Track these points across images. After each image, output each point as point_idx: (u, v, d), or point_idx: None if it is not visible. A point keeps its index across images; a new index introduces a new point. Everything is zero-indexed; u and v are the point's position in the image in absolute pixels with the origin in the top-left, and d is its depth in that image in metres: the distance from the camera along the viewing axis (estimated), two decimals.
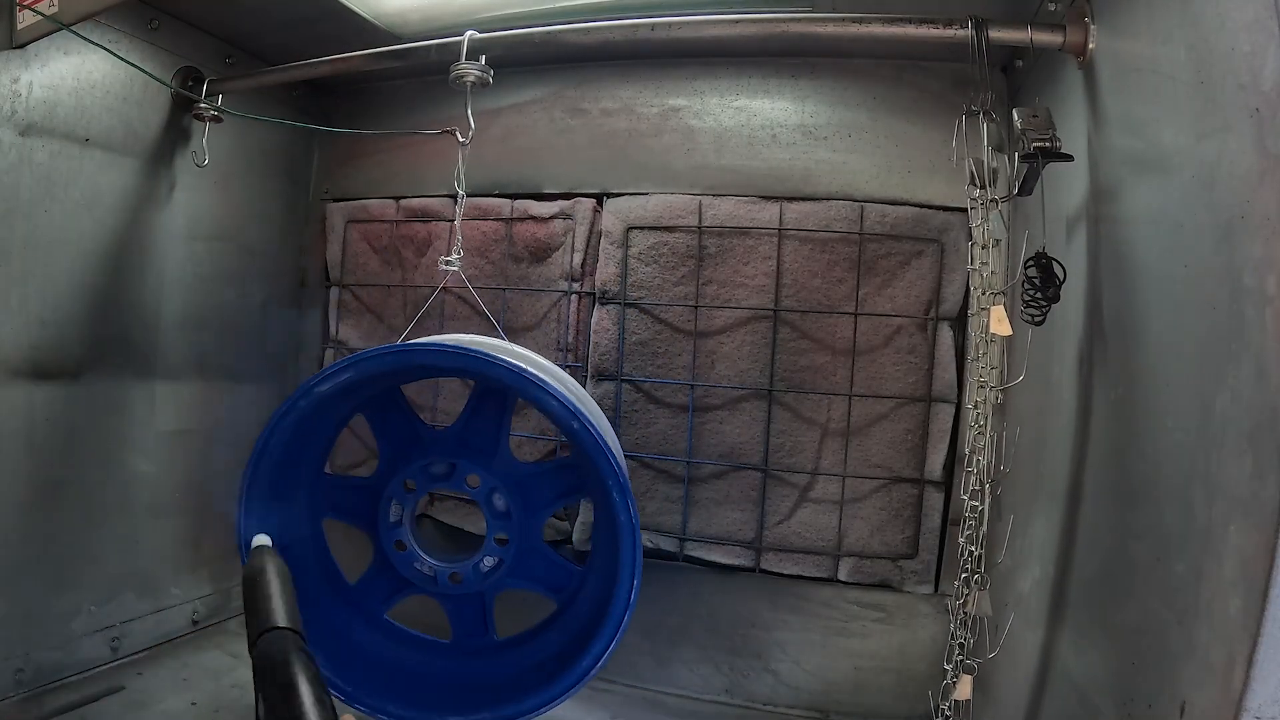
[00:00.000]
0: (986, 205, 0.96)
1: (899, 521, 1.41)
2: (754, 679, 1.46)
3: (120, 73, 1.35)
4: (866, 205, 1.42)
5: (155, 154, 1.44)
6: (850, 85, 1.46)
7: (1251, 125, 0.60)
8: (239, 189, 1.64)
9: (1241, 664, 0.56)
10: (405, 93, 1.74)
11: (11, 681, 1.21)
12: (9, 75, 1.18)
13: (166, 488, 1.51)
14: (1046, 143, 0.90)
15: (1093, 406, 0.94)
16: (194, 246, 1.55)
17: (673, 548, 1.49)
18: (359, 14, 1.40)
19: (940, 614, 1.39)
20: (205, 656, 1.43)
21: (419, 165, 1.71)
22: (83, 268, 1.33)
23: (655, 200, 1.52)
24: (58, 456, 1.29)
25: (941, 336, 1.40)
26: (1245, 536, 0.58)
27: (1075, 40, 0.97)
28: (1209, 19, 0.68)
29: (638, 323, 1.52)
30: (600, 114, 1.59)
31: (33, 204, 1.23)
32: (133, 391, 1.44)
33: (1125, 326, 0.86)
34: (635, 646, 1.49)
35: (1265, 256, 0.58)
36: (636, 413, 1.51)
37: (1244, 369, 0.60)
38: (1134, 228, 0.85)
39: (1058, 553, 1.01)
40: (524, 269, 1.63)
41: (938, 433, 1.40)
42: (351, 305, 1.78)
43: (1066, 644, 0.96)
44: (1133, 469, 0.81)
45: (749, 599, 1.48)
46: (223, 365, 1.64)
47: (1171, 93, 0.75)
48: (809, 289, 1.44)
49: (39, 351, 1.26)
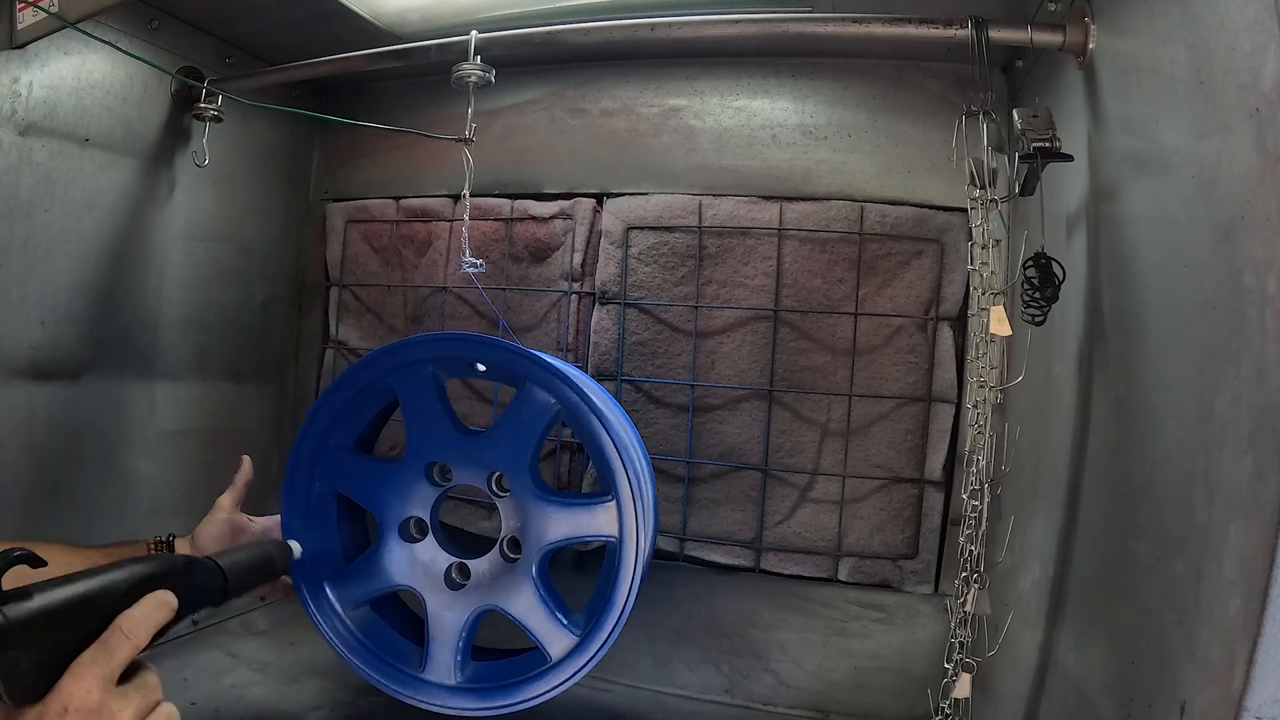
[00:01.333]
0: (986, 205, 0.96)
1: (899, 521, 1.41)
2: (754, 679, 1.46)
3: (120, 73, 1.35)
4: (866, 205, 1.42)
5: (155, 154, 1.44)
6: (850, 85, 1.46)
7: (1251, 125, 0.60)
8: (239, 189, 1.64)
9: (1241, 664, 0.56)
10: (405, 93, 1.74)
11: None
12: (9, 75, 1.18)
13: (166, 488, 1.51)
14: (1046, 143, 0.90)
15: (1093, 406, 0.94)
16: (194, 246, 1.55)
17: (672, 548, 1.49)
18: (359, 14, 1.40)
19: (940, 614, 1.39)
20: (205, 656, 1.43)
21: (419, 165, 1.71)
22: (83, 268, 1.33)
23: (655, 200, 1.52)
24: (58, 456, 1.29)
25: (941, 336, 1.40)
26: (1245, 536, 0.58)
27: (1075, 40, 0.97)
28: (1209, 19, 0.68)
29: (638, 323, 1.52)
30: (600, 114, 1.59)
31: (33, 204, 1.23)
32: (133, 391, 1.44)
33: (1125, 326, 0.86)
34: (635, 646, 1.49)
35: (1265, 256, 0.58)
36: (636, 413, 1.51)
37: (1244, 369, 0.60)
38: (1134, 227, 0.85)
39: (1057, 552, 1.01)
40: (524, 269, 1.63)
41: (938, 433, 1.40)
42: (351, 305, 1.78)
43: (1066, 643, 0.96)
44: (1133, 469, 0.81)
45: (749, 599, 1.48)
46: (223, 365, 1.64)
47: (1171, 93, 0.75)
48: (809, 289, 1.44)
49: (39, 351, 1.26)
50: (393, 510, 1.19)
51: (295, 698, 1.30)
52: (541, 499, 1.15)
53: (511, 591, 1.14)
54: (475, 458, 1.16)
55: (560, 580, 1.24)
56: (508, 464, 1.15)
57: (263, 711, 1.25)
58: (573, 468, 1.58)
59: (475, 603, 1.16)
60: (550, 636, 1.14)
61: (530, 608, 1.14)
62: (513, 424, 1.16)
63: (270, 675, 1.38)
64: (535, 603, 1.14)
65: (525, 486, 1.14)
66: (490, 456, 1.16)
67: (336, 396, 1.19)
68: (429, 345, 1.16)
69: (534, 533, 1.14)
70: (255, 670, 1.39)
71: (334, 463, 1.21)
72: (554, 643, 1.13)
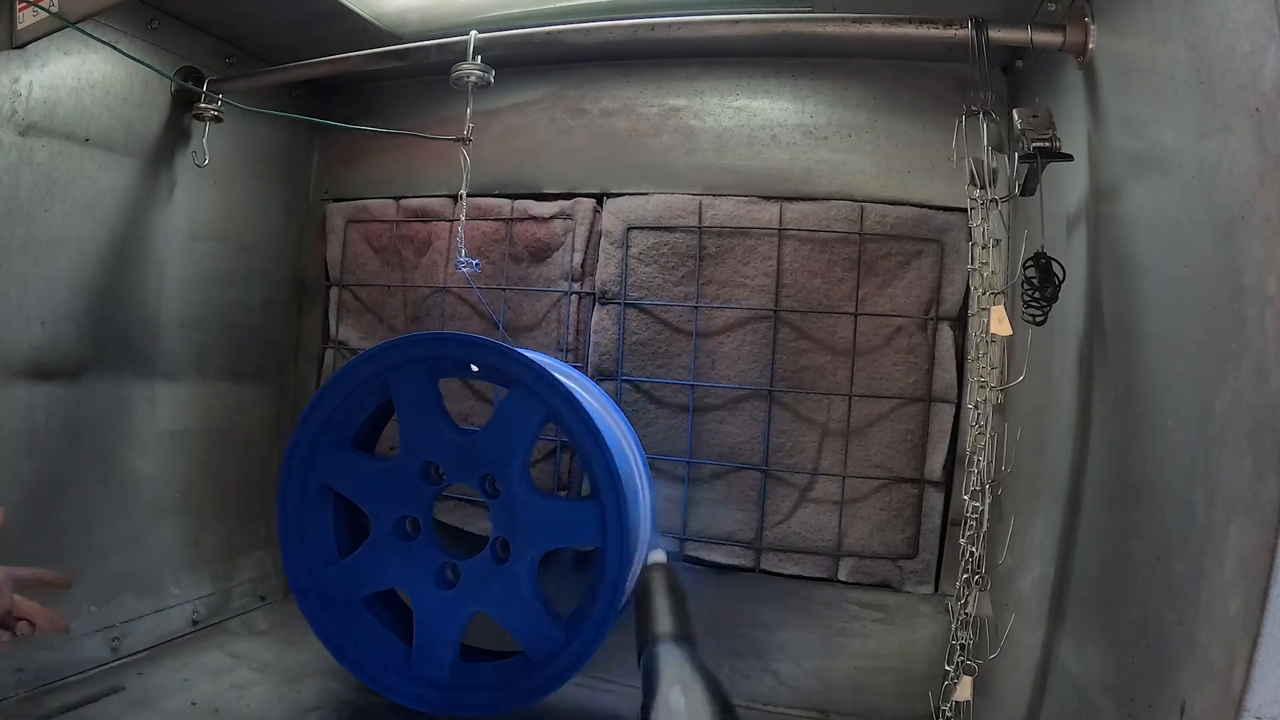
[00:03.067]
0: (986, 205, 0.96)
1: (899, 522, 1.41)
2: (754, 679, 1.46)
3: (120, 73, 1.35)
4: (866, 205, 1.42)
5: (155, 154, 1.44)
6: (850, 85, 1.46)
7: (1251, 125, 0.60)
8: (239, 189, 1.64)
9: (1241, 664, 0.56)
10: (405, 93, 1.74)
11: (12, 681, 1.21)
12: (9, 75, 1.18)
13: (166, 488, 1.51)
14: (1046, 143, 0.90)
15: (1093, 406, 0.94)
16: (194, 246, 1.55)
17: (672, 548, 1.49)
18: (359, 14, 1.40)
19: (940, 614, 1.39)
20: (205, 656, 1.43)
21: (419, 165, 1.71)
22: (83, 268, 1.33)
23: (655, 200, 1.52)
24: (58, 456, 1.29)
25: (941, 336, 1.40)
26: (1245, 536, 0.58)
27: (1075, 40, 0.97)
28: (1209, 19, 0.68)
29: (638, 323, 1.52)
30: (600, 114, 1.59)
31: (33, 204, 1.23)
32: (133, 391, 1.44)
33: (1125, 326, 0.86)
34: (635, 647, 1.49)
35: (1265, 256, 0.58)
36: (636, 413, 1.51)
37: (1244, 369, 0.60)
38: (1134, 227, 0.85)
39: (1058, 553, 1.01)
40: (524, 269, 1.63)
41: (938, 433, 1.40)
42: (351, 305, 1.78)
43: (1067, 644, 0.96)
44: (1133, 469, 0.81)
45: (749, 599, 1.48)
46: (223, 365, 1.64)
47: (1171, 93, 0.75)
48: (809, 289, 1.44)
49: (39, 351, 1.26)
50: (387, 508, 1.19)
51: (295, 698, 1.30)
52: (531, 501, 1.14)
53: (500, 593, 1.14)
54: (468, 457, 1.17)
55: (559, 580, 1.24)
56: (498, 464, 1.15)
57: (263, 711, 1.25)
58: (572, 469, 1.58)
59: (466, 603, 1.16)
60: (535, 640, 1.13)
61: (517, 610, 1.13)
62: (503, 424, 1.16)
63: (270, 675, 1.38)
64: (522, 606, 1.13)
65: (516, 487, 1.14)
66: (482, 456, 1.16)
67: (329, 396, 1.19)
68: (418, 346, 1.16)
69: (523, 535, 1.13)
70: (255, 670, 1.39)
71: (329, 460, 1.21)
72: (539, 646, 1.13)
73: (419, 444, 1.18)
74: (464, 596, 1.16)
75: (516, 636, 1.15)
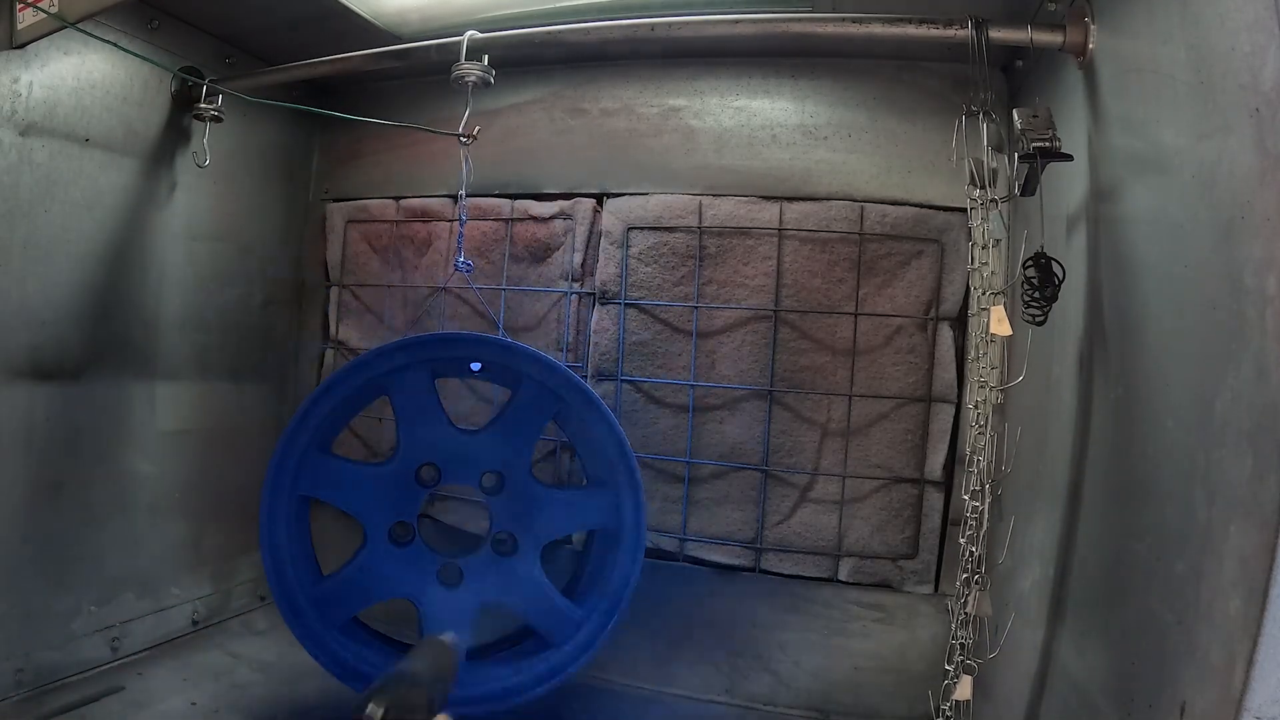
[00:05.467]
0: (986, 205, 0.96)
1: (899, 521, 1.41)
2: (754, 679, 1.46)
3: (120, 73, 1.35)
4: (866, 205, 1.42)
5: (155, 154, 1.44)
6: (850, 85, 1.46)
7: (1251, 125, 0.60)
8: (239, 189, 1.64)
9: (1241, 664, 0.56)
10: (405, 93, 1.74)
11: (12, 681, 1.21)
12: (9, 75, 1.18)
13: (166, 488, 1.51)
14: (1046, 143, 0.90)
15: (1093, 406, 0.94)
16: (194, 246, 1.55)
17: (673, 547, 1.49)
18: (359, 14, 1.40)
19: (940, 614, 1.39)
20: (205, 656, 1.43)
21: (419, 165, 1.71)
22: (83, 268, 1.33)
23: (655, 200, 1.52)
24: (58, 456, 1.29)
25: (941, 336, 1.40)
26: (1245, 536, 0.58)
27: (1075, 40, 0.97)
28: (1209, 19, 0.68)
29: (638, 323, 1.52)
30: (600, 114, 1.59)
31: (33, 204, 1.23)
32: (133, 391, 1.44)
33: (1125, 326, 0.86)
34: (635, 646, 1.49)
35: (1265, 256, 0.58)
36: (637, 413, 1.51)
37: (1244, 369, 0.60)
38: (1134, 228, 0.85)
39: (1058, 553, 1.01)
40: (524, 269, 1.63)
41: (938, 433, 1.40)
42: (351, 305, 1.78)
43: (1067, 644, 0.96)
44: (1133, 469, 0.81)
45: (749, 599, 1.48)
46: (223, 365, 1.64)
47: (1171, 93, 0.75)
48: (809, 289, 1.44)
49: (39, 351, 1.26)
50: (382, 515, 1.19)
51: (295, 698, 1.30)
52: (540, 493, 1.17)
53: (509, 583, 1.16)
54: (469, 457, 1.18)
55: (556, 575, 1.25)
56: (505, 460, 1.16)
57: (263, 711, 1.25)
58: (571, 468, 1.58)
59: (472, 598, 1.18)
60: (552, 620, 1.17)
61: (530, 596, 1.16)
62: (512, 420, 1.17)
63: (270, 675, 1.38)
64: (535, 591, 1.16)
65: (523, 481, 1.16)
66: (486, 455, 1.17)
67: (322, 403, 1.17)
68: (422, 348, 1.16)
69: (533, 525, 1.16)
70: (255, 670, 1.39)
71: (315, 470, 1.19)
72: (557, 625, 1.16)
73: (419, 446, 1.19)
74: (469, 592, 1.18)
75: (531, 620, 1.18)
